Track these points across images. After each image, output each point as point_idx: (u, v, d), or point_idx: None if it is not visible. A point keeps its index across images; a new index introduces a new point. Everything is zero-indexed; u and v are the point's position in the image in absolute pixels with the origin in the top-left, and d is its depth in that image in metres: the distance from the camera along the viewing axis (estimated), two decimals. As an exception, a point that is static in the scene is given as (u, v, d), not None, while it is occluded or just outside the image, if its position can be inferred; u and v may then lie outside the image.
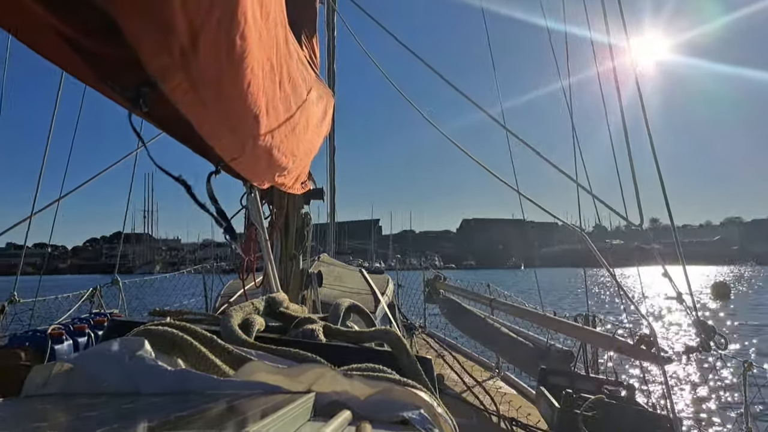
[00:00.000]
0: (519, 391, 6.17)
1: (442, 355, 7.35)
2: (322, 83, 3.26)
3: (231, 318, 1.81)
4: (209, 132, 1.65)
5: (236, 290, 5.04)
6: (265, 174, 2.71)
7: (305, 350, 1.59)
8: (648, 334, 4.05)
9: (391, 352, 1.81)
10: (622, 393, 4.32)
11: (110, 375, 1.28)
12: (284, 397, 1.16)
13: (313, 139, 3.04)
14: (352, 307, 2.59)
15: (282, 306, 2.35)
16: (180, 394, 1.22)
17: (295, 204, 4.17)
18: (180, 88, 1.29)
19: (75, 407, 1.17)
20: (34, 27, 1.03)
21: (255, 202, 3.01)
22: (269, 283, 3.42)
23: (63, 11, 0.97)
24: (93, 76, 1.19)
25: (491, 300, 6.62)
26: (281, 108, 2.11)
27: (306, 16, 3.45)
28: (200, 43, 1.22)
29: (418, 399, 1.25)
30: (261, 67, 1.67)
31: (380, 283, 6.86)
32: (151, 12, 1.05)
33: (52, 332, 4.00)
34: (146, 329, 1.46)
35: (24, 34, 1.06)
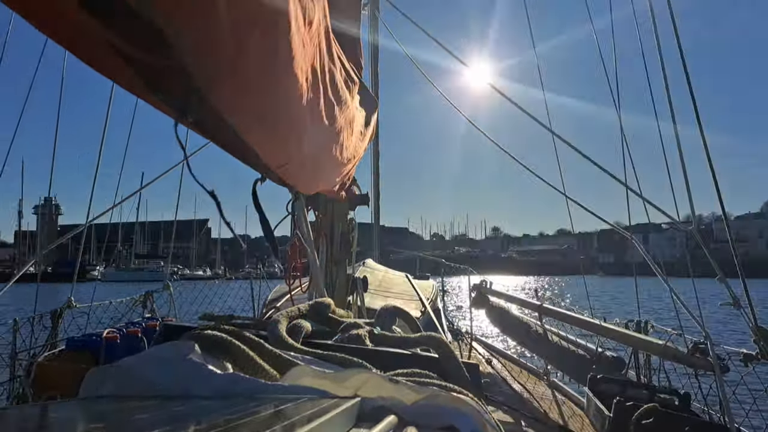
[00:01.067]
0: (568, 398, 6.04)
1: (489, 361, 7.26)
2: (365, 89, 3.28)
3: (278, 323, 1.83)
4: (254, 140, 1.68)
5: (283, 295, 5.10)
6: (310, 181, 2.74)
7: (351, 355, 1.59)
8: (703, 341, 3.92)
9: (437, 358, 1.80)
10: (676, 402, 4.19)
11: (162, 378, 1.31)
12: (330, 401, 1.16)
13: (357, 145, 3.06)
14: (397, 312, 2.59)
15: (328, 311, 2.36)
16: (229, 398, 1.24)
17: (340, 209, 4.19)
18: (226, 96, 1.32)
19: (128, 409, 1.20)
20: (86, 40, 1.07)
21: (301, 209, 3.04)
22: (315, 288, 3.45)
23: (114, 24, 1.00)
24: (142, 87, 1.22)
25: (539, 306, 6.51)
26: (325, 114, 2.13)
27: (349, 23, 3.48)
28: (245, 52, 1.24)
29: (465, 405, 1.23)
30: (305, 75, 1.69)
31: (425, 288, 6.83)
32: (198, 23, 1.08)
33: (107, 336, 4.12)
34: (196, 333, 1.49)
35: (77, 48, 1.10)
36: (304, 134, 1.97)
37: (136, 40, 1.05)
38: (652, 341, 4.55)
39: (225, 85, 1.28)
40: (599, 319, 5.55)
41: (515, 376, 6.59)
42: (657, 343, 4.37)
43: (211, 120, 1.41)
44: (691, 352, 3.95)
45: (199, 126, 1.49)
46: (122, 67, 1.12)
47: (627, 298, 7.16)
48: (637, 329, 5.18)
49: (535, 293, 7.17)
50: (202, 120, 1.41)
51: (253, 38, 1.24)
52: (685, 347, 4.07)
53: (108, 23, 1.00)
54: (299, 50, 1.51)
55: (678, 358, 4.10)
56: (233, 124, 1.46)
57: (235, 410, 1.11)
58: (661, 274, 4.40)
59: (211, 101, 1.28)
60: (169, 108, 1.28)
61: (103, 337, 4.10)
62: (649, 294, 19.31)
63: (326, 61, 1.99)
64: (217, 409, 1.15)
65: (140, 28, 1.01)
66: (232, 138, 1.57)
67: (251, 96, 1.42)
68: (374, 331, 2.05)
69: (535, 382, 6.57)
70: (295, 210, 3.05)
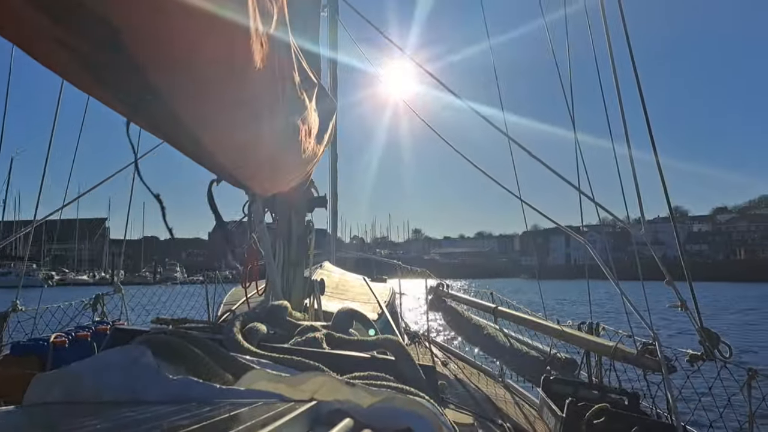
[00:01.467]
0: (522, 399, 6.13)
1: (446, 363, 7.32)
2: (324, 91, 3.27)
3: (233, 326, 1.81)
4: (210, 140, 1.66)
5: (239, 298, 5.04)
6: (267, 182, 2.71)
7: (308, 358, 1.58)
8: (652, 342, 4.03)
9: (393, 360, 1.81)
10: (626, 402, 4.30)
11: (112, 383, 1.28)
12: (286, 405, 1.15)
13: (315, 147, 3.05)
14: (354, 315, 2.58)
15: (285, 314, 2.35)
16: (182, 403, 1.21)
17: (297, 212, 4.16)
18: (180, 96, 1.29)
19: (76, 416, 1.17)
20: (37, 36, 1.03)
21: (257, 210, 3.01)
22: (272, 291, 3.42)
23: (66, 21, 0.98)
24: (95, 85, 1.19)
25: (494, 308, 6.60)
26: (283, 116, 2.12)
27: (308, 24, 3.46)
28: (201, 51, 1.22)
29: (421, 407, 1.24)
30: (262, 75, 1.67)
31: (382, 290, 6.85)
32: (151, 19, 1.05)
33: (54, 341, 4.00)
34: (148, 337, 1.46)
35: (27, 44, 1.07)
36: (261, 136, 1.95)
37: (87, 36, 1.03)
38: (603, 343, 4.66)
39: (180, 83, 1.25)
40: (552, 321, 5.65)
41: (471, 377, 6.66)
42: (608, 345, 4.48)
43: (166, 119, 1.39)
44: (640, 353, 4.06)
45: (152, 125, 1.46)
46: (72, 62, 1.09)
47: (548, 300, 7.37)
48: (589, 331, 5.30)
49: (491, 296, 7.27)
50: (156, 119, 1.38)
51: (210, 36, 1.22)
52: (635, 348, 4.18)
53: (57, 17, 0.97)
54: (257, 50, 1.49)
55: (628, 359, 4.21)
56: (188, 123, 1.44)
57: (188, 416, 1.09)
58: (612, 277, 4.51)
59: (165, 99, 1.25)
60: (121, 106, 1.25)
61: (50, 342, 3.98)
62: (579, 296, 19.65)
63: (284, 62, 1.98)
64: (170, 415, 1.12)
65: (91, 23, 0.98)
66: (187, 138, 1.54)
67: (207, 95, 1.40)
68: (331, 334, 2.05)
69: (490, 383, 6.65)
70: (252, 212, 3.02)
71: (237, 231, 3.11)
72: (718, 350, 3.82)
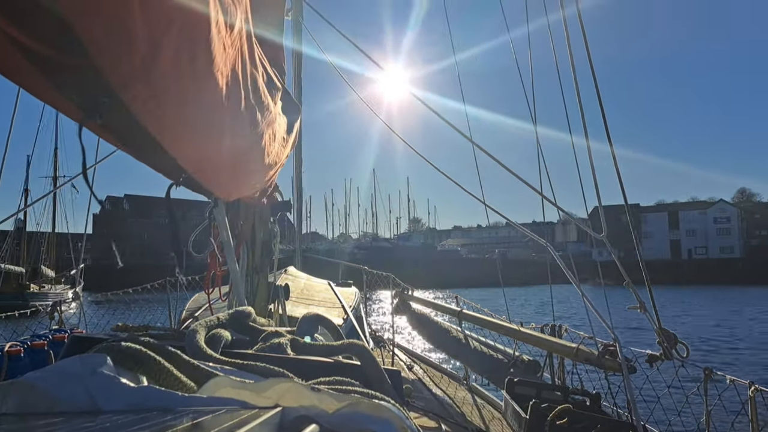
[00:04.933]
0: (487, 401, 6.19)
1: (411, 367, 7.35)
2: (288, 95, 3.25)
3: (196, 333, 1.78)
4: (170, 143, 1.63)
5: (202, 304, 4.97)
6: (230, 186, 2.69)
7: (272, 364, 1.57)
8: (612, 343, 4.11)
9: (359, 365, 1.80)
10: (587, 402, 4.38)
11: (70, 393, 1.25)
12: (250, 412, 1.14)
13: (280, 152, 3.03)
14: (319, 320, 2.57)
15: (249, 319, 2.32)
16: (143, 412, 1.19)
17: (261, 216, 4.13)
18: (140, 98, 1.27)
19: (32, 428, 1.13)
20: None
21: (220, 214, 2.98)
22: (236, 296, 3.38)
23: (16, 16, 0.95)
24: (47, 88, 1.16)
25: (459, 312, 6.65)
26: (246, 120, 2.10)
27: (272, 28, 3.44)
28: (161, 52, 1.20)
29: (386, 412, 1.24)
30: (225, 79, 1.66)
31: (348, 295, 6.84)
32: (111, 19, 1.03)
33: (9, 350, 3.89)
34: (108, 345, 1.43)
35: None
36: (223, 139, 1.93)
37: (40, 35, 1.00)
38: (566, 344, 4.73)
39: (138, 86, 1.23)
40: (516, 323, 5.72)
41: (436, 381, 6.70)
42: (570, 346, 4.55)
43: (122, 122, 1.36)
44: (601, 354, 4.14)
45: (108, 130, 1.42)
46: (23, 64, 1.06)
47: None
48: (552, 333, 5.37)
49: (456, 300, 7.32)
50: (113, 123, 1.35)
51: (170, 38, 1.20)
52: (596, 350, 4.26)
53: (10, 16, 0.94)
54: (219, 53, 1.48)
55: (589, 360, 4.29)
56: (147, 126, 1.41)
57: (149, 425, 1.07)
58: (574, 280, 4.58)
59: (123, 102, 1.23)
60: (75, 109, 1.22)
61: (5, 351, 3.86)
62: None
63: (248, 65, 1.96)
64: (129, 425, 1.10)
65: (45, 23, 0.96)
66: (145, 141, 1.51)
67: (167, 97, 1.38)
68: (296, 340, 2.03)
69: (455, 386, 6.70)
70: (215, 216, 2.98)
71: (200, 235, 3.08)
72: (676, 350, 3.92)
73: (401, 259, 71.05)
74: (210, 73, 1.48)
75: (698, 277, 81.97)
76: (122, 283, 8.72)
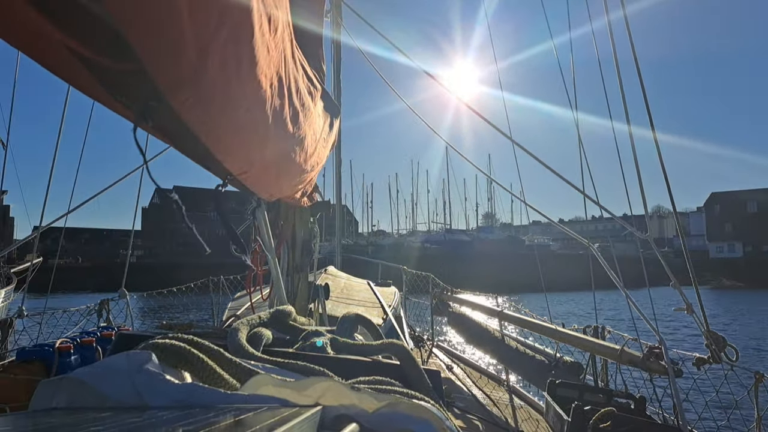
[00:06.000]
0: (528, 403, 6.12)
1: (451, 368, 7.31)
2: (328, 96, 3.28)
3: (238, 331, 1.81)
4: (216, 146, 1.66)
5: (244, 303, 5.05)
6: (273, 187, 2.72)
7: (313, 363, 1.58)
8: (658, 345, 4.01)
9: (399, 365, 1.80)
10: (632, 405, 4.28)
11: (117, 389, 1.28)
12: (291, 410, 1.15)
13: (320, 152, 3.05)
14: (359, 319, 2.58)
15: (289, 319, 2.35)
16: (187, 408, 1.21)
17: (301, 216, 4.17)
18: (188, 102, 1.30)
19: (82, 422, 1.17)
20: (43, 43, 1.04)
21: (262, 215, 3.02)
22: (276, 296, 3.42)
23: (72, 27, 0.98)
24: (100, 91, 1.19)
25: (499, 312, 6.59)
26: (289, 121, 2.12)
27: (312, 29, 3.47)
28: (208, 57, 1.23)
29: (426, 412, 1.24)
30: (269, 81, 1.68)
31: (387, 295, 6.84)
32: (160, 27, 1.06)
33: (59, 347, 4.01)
34: (153, 343, 1.46)
35: (33, 50, 1.07)
36: (267, 141, 1.95)
37: (93, 43, 1.03)
38: (609, 346, 4.64)
39: (187, 90, 1.26)
40: (557, 324, 5.64)
41: (476, 382, 6.65)
42: (613, 348, 4.46)
43: (172, 125, 1.39)
44: (646, 356, 4.04)
45: (159, 130, 1.46)
46: (79, 69, 1.10)
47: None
48: (595, 335, 5.28)
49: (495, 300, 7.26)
50: (163, 124, 1.38)
51: (217, 43, 1.22)
52: (640, 352, 4.16)
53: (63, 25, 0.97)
54: (263, 56, 1.50)
55: (634, 363, 4.19)
56: (195, 129, 1.44)
57: (193, 421, 1.09)
58: (618, 282, 4.49)
59: (172, 106, 1.26)
60: (128, 112, 1.25)
61: (55, 348, 3.98)
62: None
63: (290, 67, 1.98)
64: (175, 421, 1.12)
65: (98, 31, 0.99)
66: (193, 143, 1.55)
67: (214, 102, 1.40)
68: (336, 339, 2.04)
69: (495, 387, 6.64)
70: (257, 217, 3.02)
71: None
72: (725, 353, 3.81)
73: (482, 255, 62.65)
74: (254, 75, 1.50)
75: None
76: (165, 281, 8.88)
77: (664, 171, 4.21)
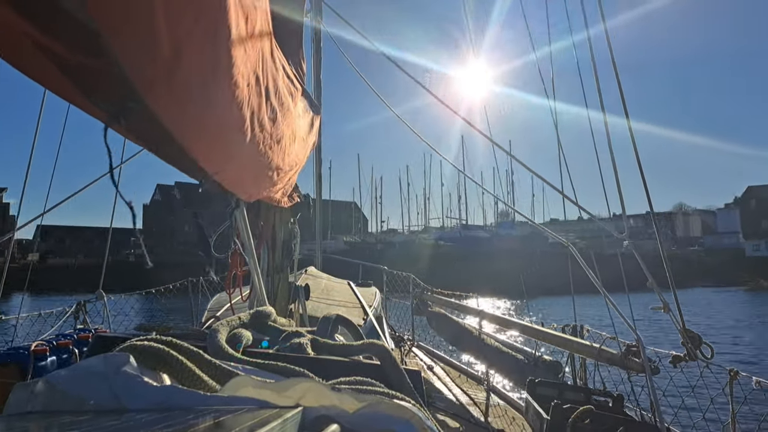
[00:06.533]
0: (508, 402, 6.16)
1: (431, 368, 7.33)
2: (308, 96, 3.27)
3: (218, 333, 1.80)
4: (192, 146, 1.64)
5: (223, 304, 5.01)
6: (251, 187, 2.70)
7: (293, 364, 1.58)
8: (635, 344, 4.06)
9: (379, 365, 1.80)
10: (610, 403, 4.33)
11: (94, 392, 1.26)
12: (271, 412, 1.14)
13: (300, 152, 3.04)
14: (339, 320, 2.58)
15: (269, 319, 2.34)
16: (166, 411, 1.20)
17: (281, 217, 4.15)
18: (163, 101, 1.28)
19: (58, 426, 1.15)
20: (14, 42, 1.02)
21: (241, 216, 3.00)
22: (256, 296, 3.40)
23: (45, 26, 0.96)
24: (74, 92, 1.18)
25: (479, 311, 6.62)
26: (267, 121, 2.11)
27: (292, 29, 3.46)
28: (184, 56, 1.22)
29: (407, 412, 1.24)
30: (246, 81, 1.67)
31: (368, 295, 6.84)
32: (135, 26, 1.05)
33: (35, 349, 3.95)
34: (131, 345, 1.44)
35: (4, 50, 1.05)
36: (244, 141, 1.94)
37: (67, 42, 1.01)
38: (588, 345, 4.68)
39: (162, 89, 1.24)
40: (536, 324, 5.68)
41: (456, 381, 6.68)
42: (592, 347, 4.51)
43: (146, 126, 1.37)
44: (624, 355, 4.09)
45: (132, 132, 1.44)
46: (51, 69, 1.08)
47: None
48: (573, 333, 5.33)
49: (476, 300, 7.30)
50: (136, 126, 1.37)
51: (193, 42, 1.21)
52: (619, 350, 4.21)
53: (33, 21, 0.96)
54: (240, 55, 1.49)
55: (612, 361, 4.24)
56: (170, 129, 1.43)
57: (172, 423, 1.08)
58: (596, 282, 4.54)
59: (147, 106, 1.24)
60: (100, 113, 1.23)
61: (31, 350, 3.92)
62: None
63: (268, 67, 1.97)
64: (153, 424, 1.11)
65: (72, 30, 0.97)
66: (168, 144, 1.53)
67: (189, 101, 1.39)
68: (317, 340, 2.04)
69: (475, 387, 6.68)
70: (236, 217, 3.00)
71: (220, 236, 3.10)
72: (700, 351, 3.86)
73: (503, 253, 56.30)
74: (231, 75, 1.49)
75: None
76: (165, 281, 8.68)
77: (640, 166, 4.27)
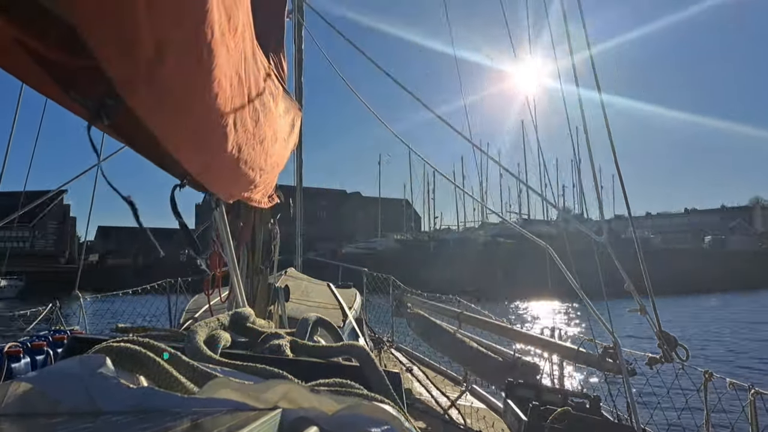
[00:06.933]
0: (486, 404, 6.19)
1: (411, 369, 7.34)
2: (289, 96, 3.26)
3: (196, 334, 1.79)
4: (174, 145, 1.63)
5: (202, 306, 4.98)
6: (232, 188, 2.69)
7: (272, 366, 1.57)
8: (612, 346, 4.11)
9: (358, 367, 1.80)
10: (587, 405, 4.37)
11: (70, 394, 1.25)
12: (250, 414, 1.14)
13: (281, 153, 3.03)
14: (319, 321, 2.57)
15: (248, 321, 2.32)
16: (143, 413, 1.19)
17: (261, 218, 4.13)
18: (145, 100, 1.27)
19: (32, 428, 1.13)
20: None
21: (221, 216, 2.98)
22: (235, 298, 3.38)
23: (25, 22, 0.95)
24: (54, 88, 1.16)
25: (459, 313, 6.65)
26: (249, 121, 2.10)
27: (273, 29, 3.45)
28: (166, 55, 1.21)
29: (386, 414, 1.24)
30: (228, 81, 1.66)
31: (348, 297, 6.84)
32: (116, 23, 1.04)
33: (8, 350, 3.89)
34: (108, 346, 1.43)
35: None
36: (226, 141, 1.93)
37: (48, 39, 1.00)
38: (566, 346, 4.73)
39: (143, 88, 1.23)
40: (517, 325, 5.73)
41: (436, 383, 6.70)
42: (570, 348, 4.55)
43: (128, 123, 1.36)
44: (601, 356, 4.14)
45: (115, 129, 1.43)
46: (31, 65, 1.06)
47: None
48: (552, 335, 5.37)
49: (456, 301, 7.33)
50: (119, 123, 1.35)
51: (175, 41, 1.21)
52: (596, 352, 4.26)
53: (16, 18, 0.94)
54: (222, 55, 1.48)
55: (589, 363, 4.29)
56: (151, 128, 1.41)
57: (149, 426, 1.07)
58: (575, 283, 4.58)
59: (128, 104, 1.23)
60: (82, 110, 1.22)
61: (4, 352, 3.86)
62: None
63: (250, 67, 1.97)
64: (130, 426, 1.10)
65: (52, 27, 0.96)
66: (150, 142, 1.52)
67: (171, 100, 1.38)
68: (296, 341, 2.03)
69: (454, 388, 6.70)
70: (215, 218, 2.98)
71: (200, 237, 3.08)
72: (676, 353, 3.92)
73: (570, 250, 51.00)
74: (213, 74, 1.48)
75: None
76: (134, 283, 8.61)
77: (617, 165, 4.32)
